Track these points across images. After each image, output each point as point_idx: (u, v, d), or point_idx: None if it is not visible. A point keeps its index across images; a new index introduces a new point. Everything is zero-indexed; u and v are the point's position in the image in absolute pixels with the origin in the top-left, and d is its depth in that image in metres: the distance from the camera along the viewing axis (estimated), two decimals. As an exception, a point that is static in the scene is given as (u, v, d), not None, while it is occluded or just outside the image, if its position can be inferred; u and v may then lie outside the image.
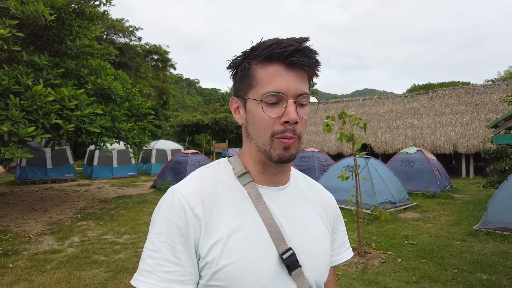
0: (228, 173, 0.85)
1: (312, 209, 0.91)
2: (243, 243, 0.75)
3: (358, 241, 5.18)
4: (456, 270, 4.41)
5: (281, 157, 0.79)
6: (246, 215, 0.79)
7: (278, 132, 0.77)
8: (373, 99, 21.58)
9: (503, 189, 6.28)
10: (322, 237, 0.90)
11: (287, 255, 0.78)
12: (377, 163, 9.25)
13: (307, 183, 0.98)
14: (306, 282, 0.80)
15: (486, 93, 17.47)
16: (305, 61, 0.77)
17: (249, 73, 0.81)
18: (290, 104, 0.76)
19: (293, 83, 0.77)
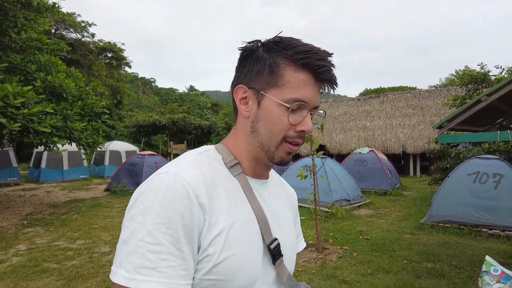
0: (219, 162, 0.81)
1: (284, 203, 0.95)
2: (240, 234, 0.74)
3: (317, 238, 5.37)
4: (405, 261, 4.74)
5: (283, 160, 0.81)
6: (241, 206, 0.77)
7: (290, 137, 0.78)
8: (328, 102, 22.43)
9: (445, 186, 6.85)
10: (293, 229, 0.94)
11: (274, 245, 0.79)
12: (333, 162, 9.63)
13: (278, 177, 1.00)
14: (286, 271, 0.83)
15: (430, 97, 18.90)
16: (333, 79, 0.78)
17: (276, 71, 0.77)
18: (309, 115, 0.78)
19: (316, 95, 0.78)
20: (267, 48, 0.78)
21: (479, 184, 6.33)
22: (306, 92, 0.76)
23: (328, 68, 0.76)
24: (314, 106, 0.79)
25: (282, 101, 0.75)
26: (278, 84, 0.76)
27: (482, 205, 6.13)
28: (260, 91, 0.78)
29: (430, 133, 16.56)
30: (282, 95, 0.76)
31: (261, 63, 0.78)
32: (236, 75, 0.84)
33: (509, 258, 4.62)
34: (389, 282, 4.05)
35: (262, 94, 0.78)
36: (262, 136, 0.79)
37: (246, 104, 0.81)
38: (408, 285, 3.97)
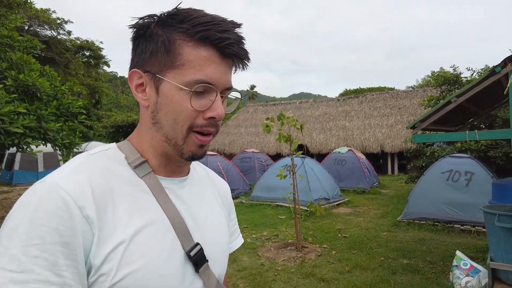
0: (120, 162, 0.68)
1: (213, 199, 0.85)
2: (147, 246, 0.63)
3: (296, 237, 5.42)
4: (382, 258, 4.85)
5: (194, 154, 0.70)
6: (148, 212, 0.66)
7: (198, 126, 0.67)
8: (309, 102, 22.67)
9: (420, 184, 7.06)
10: (223, 228, 0.83)
11: (195, 251, 0.69)
12: (312, 162, 9.75)
13: (205, 172, 0.89)
14: (213, 277, 0.73)
15: (408, 98, 19.41)
16: (240, 53, 0.67)
17: (172, 49, 0.65)
18: (219, 98, 0.67)
19: (224, 74, 0.67)
20: (161, 23, 0.66)
21: (452, 182, 6.55)
22: (210, 72, 0.65)
23: (234, 40, 0.65)
24: (225, 87, 0.68)
25: (182, 85, 0.64)
26: (176, 64, 0.65)
27: (454, 202, 6.35)
28: (156, 74, 0.66)
29: (407, 133, 16.99)
30: (182, 77, 0.64)
31: (155, 41, 0.66)
32: (131, 58, 0.71)
33: (478, 252, 4.81)
34: (366, 279, 4.14)
35: (160, 78, 0.66)
36: (165, 127, 0.68)
37: (143, 92, 0.69)
38: (385, 281, 4.07)
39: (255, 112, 23.39)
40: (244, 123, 22.83)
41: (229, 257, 0.86)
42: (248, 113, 23.79)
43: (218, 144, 21.65)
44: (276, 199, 8.80)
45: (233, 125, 23.09)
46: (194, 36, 0.64)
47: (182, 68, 0.64)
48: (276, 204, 8.80)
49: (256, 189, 9.66)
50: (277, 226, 6.88)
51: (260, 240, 5.97)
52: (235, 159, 13.96)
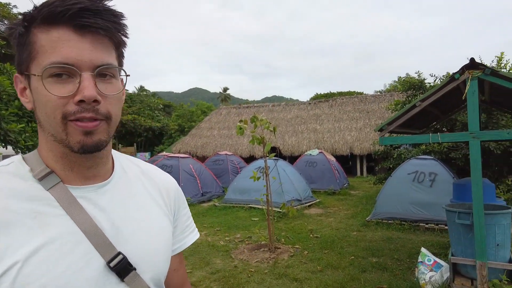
0: (22, 177, 0.65)
1: (148, 199, 0.78)
2: (49, 263, 0.59)
3: (269, 238, 5.46)
4: (353, 257, 4.99)
5: (83, 145, 0.63)
6: (53, 227, 0.62)
7: (71, 113, 0.61)
8: (281, 106, 22.95)
9: (388, 184, 7.34)
10: (161, 229, 0.78)
11: (115, 262, 0.66)
12: (285, 164, 9.87)
13: (140, 169, 0.82)
14: (144, 284, 0.70)
15: (376, 102, 20.12)
16: (100, 23, 0.61)
17: (27, 40, 0.62)
18: (86, 78, 0.60)
19: (88, 51, 0.61)
20: (25, 19, 0.63)
21: (417, 182, 6.86)
22: (66, 51, 0.59)
23: (79, 10, 0.59)
24: (94, 65, 0.62)
25: (38, 73, 0.60)
26: (32, 55, 0.61)
27: (420, 201, 6.66)
28: (24, 72, 0.64)
29: (375, 136, 17.59)
30: (39, 65, 0.61)
31: (19, 39, 0.64)
32: None
33: (441, 249, 5.06)
34: (337, 278, 4.25)
35: (27, 74, 0.63)
36: (46, 124, 0.64)
37: (26, 96, 0.66)
38: (355, 279, 4.19)
39: (228, 114, 23.36)
40: (217, 125, 22.72)
41: (202, 260, 0.84)
42: (221, 115, 23.71)
43: (191, 146, 21.41)
44: (249, 201, 8.82)
45: (206, 127, 22.92)
46: (43, 20, 0.60)
47: (39, 56, 0.61)
48: (249, 206, 8.83)
49: (229, 192, 9.64)
50: (250, 228, 6.89)
51: (234, 243, 5.96)
52: (208, 162, 13.86)
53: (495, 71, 3.48)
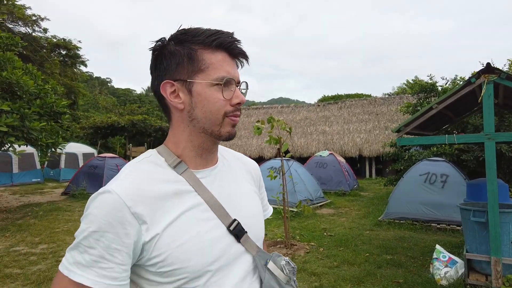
0: (161, 166, 0.85)
1: (243, 179, 1.00)
2: (190, 225, 0.80)
3: (285, 235, 5.64)
4: (367, 254, 5.15)
5: (230, 134, 0.87)
6: (188, 201, 0.82)
7: (230, 111, 0.85)
8: (290, 107, 23.09)
9: (400, 186, 7.47)
10: (255, 201, 1.00)
11: (233, 226, 0.86)
12: (297, 165, 10.02)
13: (232, 155, 1.05)
14: (253, 244, 0.90)
15: (385, 104, 20.17)
16: (244, 54, 0.88)
17: (195, 57, 0.82)
18: (237, 88, 0.86)
19: (236, 70, 0.87)
20: (177, 41, 0.84)
21: (429, 184, 6.99)
22: (228, 69, 0.84)
23: (237, 42, 0.86)
24: (238, 80, 0.87)
25: (213, 81, 0.82)
26: (201, 68, 0.82)
27: (431, 202, 6.78)
28: (187, 80, 0.83)
29: (384, 138, 17.67)
30: (210, 76, 0.82)
31: (178, 55, 0.83)
32: (155, 75, 0.88)
33: (453, 248, 5.18)
34: (354, 273, 4.41)
35: (191, 81, 0.83)
36: (202, 120, 0.85)
37: (177, 97, 0.85)
38: (371, 274, 4.35)
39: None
40: (225, 126, 22.90)
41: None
42: (229, 116, 23.90)
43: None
44: (262, 201, 8.98)
45: (215, 128, 23.13)
46: (211, 45, 0.82)
47: (208, 70, 0.82)
48: (261, 205, 8.99)
49: (242, 191, 9.79)
50: (265, 226, 7.06)
51: (250, 239, 6.14)
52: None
53: (510, 75, 3.62)
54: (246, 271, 0.90)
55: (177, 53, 0.84)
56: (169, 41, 0.86)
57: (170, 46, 0.85)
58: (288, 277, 0.93)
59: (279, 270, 0.92)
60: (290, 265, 0.95)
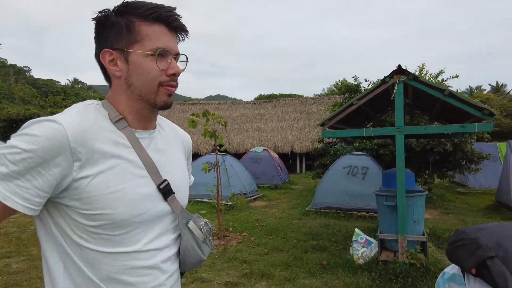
0: (104, 117, 0.89)
1: (176, 148, 1.07)
2: (122, 176, 0.85)
3: (218, 227, 5.71)
4: (295, 241, 5.46)
5: (166, 103, 0.92)
6: (125, 154, 0.87)
7: (165, 81, 0.89)
8: (227, 104, 23.21)
9: (325, 178, 8.01)
10: (184, 171, 1.08)
11: (163, 185, 0.92)
12: (232, 159, 10.16)
13: (169, 126, 1.11)
14: (178, 204, 0.98)
15: (315, 104, 21.35)
16: (183, 27, 0.93)
17: (133, 28, 0.87)
18: (173, 60, 0.91)
19: (174, 43, 0.91)
20: (118, 12, 0.89)
21: (351, 175, 7.62)
22: (164, 40, 0.89)
23: (176, 17, 0.91)
24: (176, 52, 0.92)
25: (147, 51, 0.87)
26: (138, 39, 0.87)
27: (353, 192, 7.41)
28: (124, 49, 0.88)
29: (314, 135, 18.70)
30: (145, 47, 0.87)
31: (117, 26, 0.88)
32: (97, 44, 0.92)
33: (371, 232, 5.74)
34: (282, 258, 4.65)
35: (128, 51, 0.88)
36: (138, 88, 0.90)
37: (115, 65, 0.90)
38: (298, 259, 4.63)
39: (172, 110, 22.95)
40: (159, 121, 22.18)
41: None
42: (164, 111, 23.20)
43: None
44: (196, 196, 8.94)
45: (148, 123, 22.25)
46: (148, 17, 0.88)
47: (144, 41, 0.87)
48: (196, 200, 8.95)
49: (175, 186, 9.62)
50: (198, 219, 7.05)
51: (183, 233, 6.09)
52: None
53: (417, 77, 4.14)
54: (166, 228, 0.97)
55: (117, 24, 0.88)
56: (111, 13, 0.89)
57: (111, 17, 0.89)
58: (205, 235, 1.01)
59: (198, 230, 1.00)
60: (208, 226, 1.04)
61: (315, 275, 4.11)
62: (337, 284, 3.84)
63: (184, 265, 1.03)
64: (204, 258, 1.03)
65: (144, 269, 0.90)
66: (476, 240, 1.19)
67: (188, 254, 1.00)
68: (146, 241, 0.90)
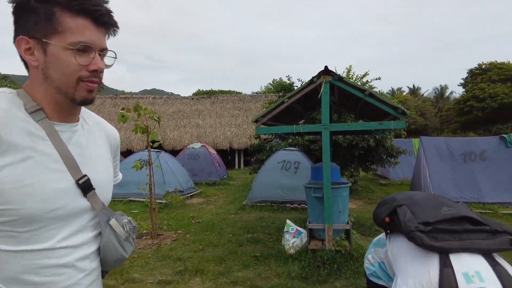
0: (18, 107, 0.84)
1: (101, 144, 1.03)
2: (34, 171, 0.81)
3: (151, 226, 5.56)
4: (231, 235, 5.55)
5: (85, 99, 0.88)
6: (40, 146, 0.83)
7: (85, 77, 0.85)
8: (163, 99, 22.50)
9: (261, 173, 8.25)
10: (108, 167, 1.04)
11: (82, 181, 0.89)
12: (167, 156, 9.92)
13: (94, 120, 1.06)
14: (99, 201, 0.95)
15: (253, 101, 21.72)
16: (112, 23, 0.89)
17: (53, 19, 0.81)
18: (98, 55, 0.86)
19: (100, 38, 0.87)
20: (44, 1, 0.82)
21: (285, 170, 7.95)
22: (88, 35, 0.84)
23: (105, 12, 0.86)
24: (101, 48, 0.88)
25: (67, 45, 0.83)
26: (59, 30, 0.82)
27: (286, 186, 7.74)
28: (42, 39, 0.83)
29: (251, 131, 19.02)
30: (65, 40, 0.82)
31: (37, 13, 0.82)
32: (14, 28, 0.86)
33: (302, 222, 6.04)
34: (217, 253, 4.70)
35: (46, 42, 0.83)
36: (56, 81, 0.85)
37: (32, 55, 0.85)
38: (233, 252, 4.72)
39: (103, 104, 21.58)
40: (88, 116, 20.69)
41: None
42: (94, 105, 21.67)
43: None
44: (128, 195, 8.56)
45: (75, 118, 20.62)
46: (72, 8, 0.82)
47: (65, 33, 0.82)
48: (128, 200, 8.57)
49: (106, 185, 9.10)
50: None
51: (113, 233, 5.81)
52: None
53: (341, 77, 4.46)
54: (85, 225, 0.94)
55: (37, 10, 0.82)
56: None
57: (31, 2, 0.82)
58: (128, 233, 1.01)
59: (120, 227, 0.99)
60: (132, 224, 1.04)
61: (249, 267, 4.23)
62: (269, 274, 4.00)
63: (106, 263, 1.01)
64: (126, 256, 1.02)
65: (56, 267, 0.86)
66: (393, 197, 1.45)
67: (108, 252, 0.98)
68: (60, 238, 0.87)
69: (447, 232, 1.12)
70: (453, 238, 1.11)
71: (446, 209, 1.21)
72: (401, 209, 1.32)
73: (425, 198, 1.34)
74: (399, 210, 1.32)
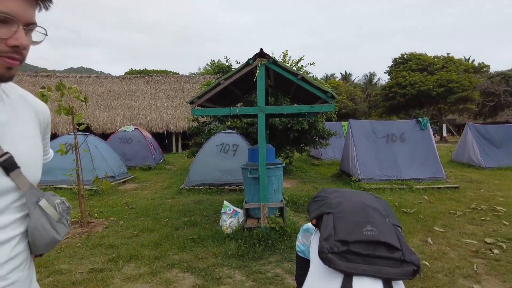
0: None
1: (25, 118, 0.96)
2: None
3: (81, 213, 5.22)
4: (167, 219, 5.45)
5: (3, 76, 0.81)
6: None
7: (4, 52, 0.77)
8: (91, 78, 20.84)
9: (199, 156, 8.17)
10: (36, 145, 0.97)
11: (4, 158, 0.83)
12: (97, 140, 9.30)
13: (18, 94, 0.98)
14: (26, 181, 0.89)
15: (190, 82, 21.16)
16: None
17: None
18: (21, 30, 0.77)
19: (27, 10, 0.77)
20: None
21: (223, 152, 7.97)
22: (11, 6, 0.75)
23: None
24: (27, 21, 0.79)
25: None
26: None
27: (225, 169, 7.78)
28: None
29: (189, 114, 18.62)
30: None
31: None
32: None
33: (239, 203, 6.18)
34: (153, 238, 4.60)
35: None
36: None
37: None
38: (169, 236, 4.65)
39: (20, 83, 19.27)
40: (2, 96, 18.37)
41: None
42: (7, 84, 19.27)
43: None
44: (54, 182, 7.90)
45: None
46: None
47: None
48: (53, 187, 7.90)
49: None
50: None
51: (36, 224, 5.35)
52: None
53: (276, 61, 4.54)
54: (7, 206, 0.87)
55: None
56: None
57: None
58: (61, 215, 0.95)
59: (52, 208, 0.93)
60: (65, 204, 0.99)
61: (186, 249, 4.22)
62: (206, 255, 4.04)
63: (35, 247, 0.95)
64: (59, 238, 0.96)
65: None
66: (326, 199, 1.43)
67: (38, 234, 0.92)
68: None
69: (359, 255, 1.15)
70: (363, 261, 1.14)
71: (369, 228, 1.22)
72: (328, 217, 1.32)
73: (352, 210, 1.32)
74: (325, 218, 1.33)
